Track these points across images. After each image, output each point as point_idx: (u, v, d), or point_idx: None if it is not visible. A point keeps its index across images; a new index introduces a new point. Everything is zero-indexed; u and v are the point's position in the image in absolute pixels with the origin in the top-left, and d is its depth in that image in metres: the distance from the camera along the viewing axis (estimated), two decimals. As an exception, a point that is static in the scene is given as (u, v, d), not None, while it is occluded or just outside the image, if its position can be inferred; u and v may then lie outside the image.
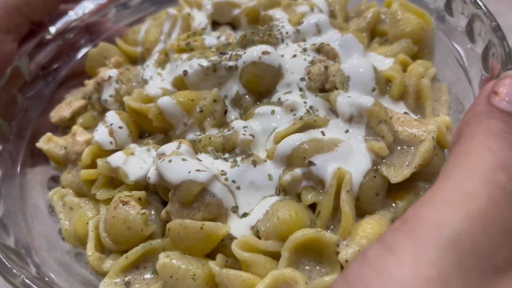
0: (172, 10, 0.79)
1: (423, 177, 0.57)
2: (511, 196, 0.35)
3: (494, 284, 0.33)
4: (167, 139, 0.64)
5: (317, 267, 0.52)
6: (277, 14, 0.76)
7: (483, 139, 0.38)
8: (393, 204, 0.56)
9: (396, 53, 0.68)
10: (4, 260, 0.52)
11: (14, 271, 0.51)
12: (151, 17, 0.85)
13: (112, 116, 0.65)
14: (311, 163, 0.54)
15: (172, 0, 0.90)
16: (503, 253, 0.33)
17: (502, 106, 0.41)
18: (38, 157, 0.73)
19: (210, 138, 0.60)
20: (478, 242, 0.33)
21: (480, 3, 0.61)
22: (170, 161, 0.55)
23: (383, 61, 0.68)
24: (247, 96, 0.65)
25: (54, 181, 0.73)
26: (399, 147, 0.57)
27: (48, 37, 0.82)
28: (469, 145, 0.39)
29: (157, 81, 0.71)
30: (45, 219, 0.66)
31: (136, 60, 0.83)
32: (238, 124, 0.60)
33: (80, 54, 0.83)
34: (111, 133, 0.63)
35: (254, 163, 0.57)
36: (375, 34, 0.76)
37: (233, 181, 0.56)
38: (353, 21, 0.77)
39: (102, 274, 0.58)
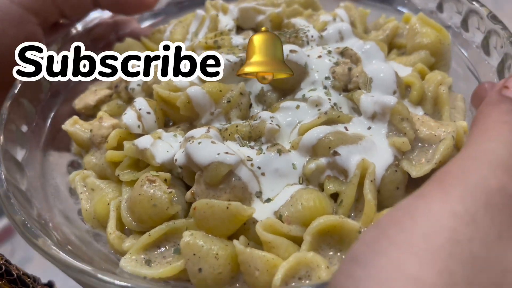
0: (201, 11, 0.82)
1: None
2: None
3: None
4: (191, 129, 0.66)
5: (338, 254, 0.53)
6: (300, 22, 0.79)
7: (497, 116, 0.43)
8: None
9: (414, 62, 0.72)
10: (29, 225, 0.52)
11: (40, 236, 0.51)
12: (176, 20, 0.88)
13: (141, 102, 0.66)
14: (336, 153, 0.56)
15: (196, 5, 0.94)
16: None
17: (511, 95, 0.45)
18: (59, 143, 0.74)
19: (237, 126, 0.61)
20: (503, 181, 0.36)
21: (498, 18, 0.65)
22: (199, 143, 0.57)
23: (402, 69, 0.71)
24: (271, 93, 0.67)
25: (73, 166, 0.73)
26: (419, 144, 0.59)
27: (76, 30, 0.84)
28: (485, 123, 0.43)
29: (183, 74, 0.72)
30: (65, 199, 0.66)
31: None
32: (265, 114, 0.62)
33: (106, 48, 0.85)
34: (139, 118, 0.64)
35: (279, 152, 0.58)
36: (392, 47, 0.79)
37: (259, 167, 0.57)
38: (372, 33, 0.81)
39: (121, 253, 0.58)
